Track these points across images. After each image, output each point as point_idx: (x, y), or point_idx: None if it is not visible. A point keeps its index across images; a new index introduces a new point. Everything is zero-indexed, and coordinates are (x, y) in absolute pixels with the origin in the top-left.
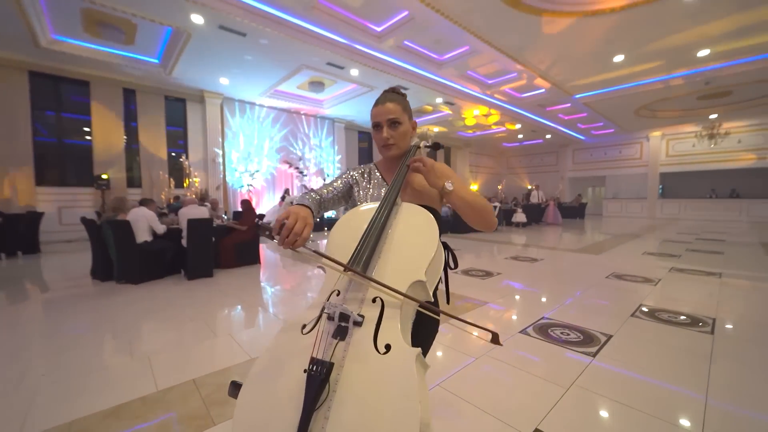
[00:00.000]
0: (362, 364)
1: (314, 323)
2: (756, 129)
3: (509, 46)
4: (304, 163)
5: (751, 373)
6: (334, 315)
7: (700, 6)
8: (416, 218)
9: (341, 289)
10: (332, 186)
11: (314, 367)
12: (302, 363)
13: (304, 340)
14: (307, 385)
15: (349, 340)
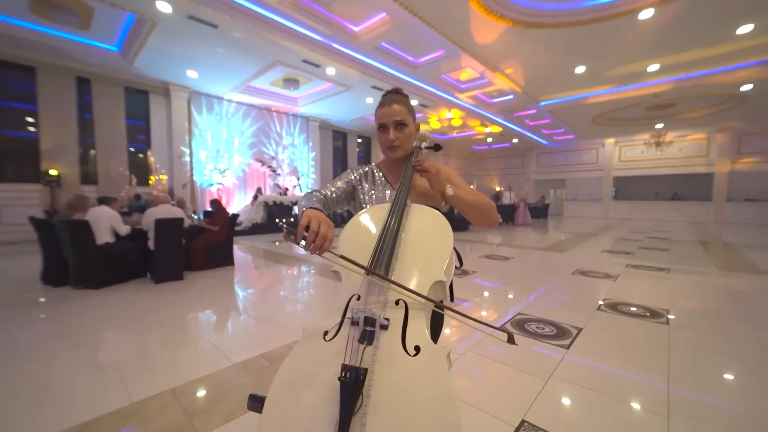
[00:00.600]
0: (393, 367)
1: (337, 329)
2: (694, 139)
3: (482, 53)
4: (277, 162)
5: (704, 359)
6: (358, 319)
7: (652, 24)
8: (429, 219)
9: (361, 293)
10: (335, 186)
11: (347, 374)
12: (331, 371)
13: (328, 348)
14: (342, 393)
15: (376, 344)
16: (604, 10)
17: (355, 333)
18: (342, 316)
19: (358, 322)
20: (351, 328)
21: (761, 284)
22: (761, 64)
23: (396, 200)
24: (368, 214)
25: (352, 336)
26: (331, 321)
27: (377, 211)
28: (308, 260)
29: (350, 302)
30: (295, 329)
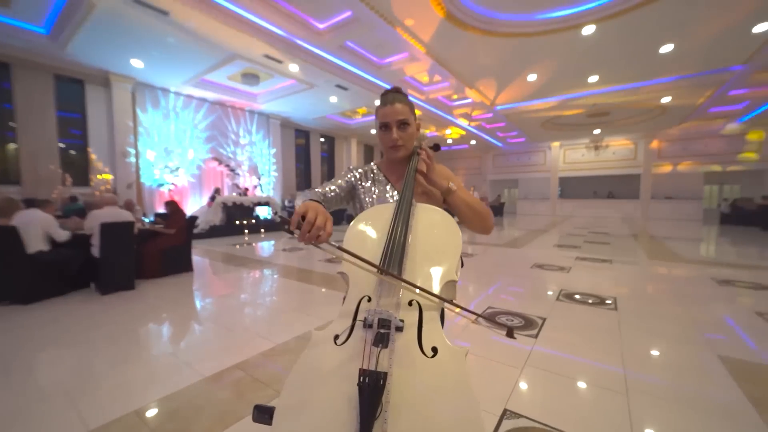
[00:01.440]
0: (411, 369)
1: (349, 332)
2: (624, 144)
3: (445, 58)
4: (235, 161)
5: (648, 339)
6: (372, 322)
7: (593, 40)
8: (437, 218)
9: (372, 294)
10: (335, 185)
11: (366, 379)
12: (346, 376)
13: (341, 353)
14: (362, 399)
15: (392, 346)
16: (552, 24)
17: (368, 336)
18: (353, 318)
19: (371, 325)
20: (363, 331)
21: (683, 271)
22: (678, 79)
23: (402, 199)
24: (373, 213)
25: (365, 339)
26: (342, 323)
27: (382, 211)
28: (271, 262)
29: (360, 304)
30: (270, 335)
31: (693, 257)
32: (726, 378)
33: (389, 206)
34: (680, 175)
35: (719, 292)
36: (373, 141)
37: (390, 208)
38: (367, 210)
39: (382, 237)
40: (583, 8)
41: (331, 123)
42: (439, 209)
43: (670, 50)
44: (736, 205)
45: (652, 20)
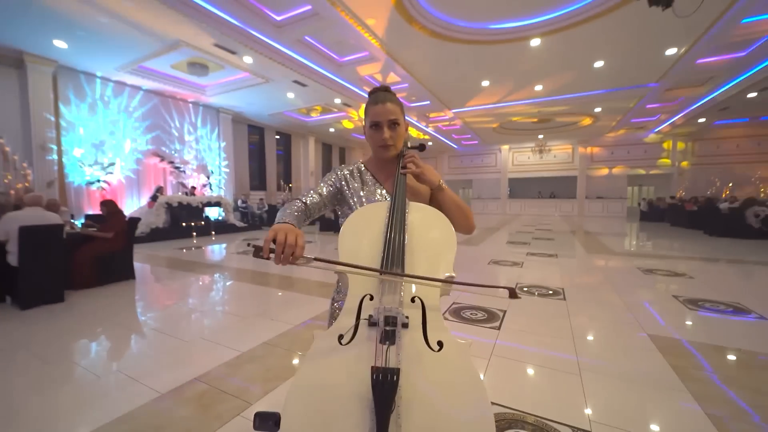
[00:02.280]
0: (419, 364)
1: (353, 332)
2: (563, 149)
3: (404, 59)
4: (180, 157)
5: (594, 324)
6: (378, 320)
7: (539, 51)
8: (430, 215)
9: (374, 293)
10: (317, 192)
11: (380, 377)
12: (355, 376)
13: (347, 352)
14: (377, 397)
15: (399, 343)
16: (504, 34)
17: (372, 334)
18: (356, 317)
19: (377, 323)
20: (368, 330)
21: (615, 262)
22: (607, 92)
23: (395, 198)
24: (366, 212)
25: (369, 337)
26: (345, 322)
27: (375, 210)
28: (224, 266)
29: (363, 303)
30: (233, 343)
31: (621, 250)
32: (654, 352)
33: (381, 205)
34: (609, 177)
35: (644, 280)
36: (331, 140)
37: (383, 207)
38: (360, 210)
39: (379, 236)
40: (530, 22)
41: (288, 120)
42: (432, 207)
43: (601, 66)
44: (652, 204)
45: (587, 38)
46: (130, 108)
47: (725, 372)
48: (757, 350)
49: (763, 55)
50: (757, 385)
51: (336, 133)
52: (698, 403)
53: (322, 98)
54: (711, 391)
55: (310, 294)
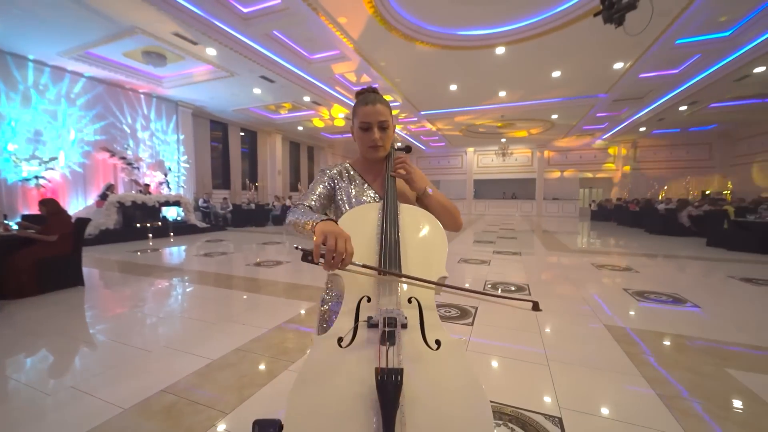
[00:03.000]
0: (419, 363)
1: (353, 334)
2: (524, 152)
3: (376, 60)
4: (133, 152)
5: (557, 317)
6: (378, 321)
7: (503, 59)
8: (421, 217)
9: (371, 294)
10: (316, 194)
11: (386, 377)
12: (358, 377)
13: (347, 354)
14: (384, 398)
15: (399, 343)
16: (471, 41)
17: (372, 335)
18: (355, 320)
19: (377, 324)
20: (368, 331)
21: (571, 259)
22: (563, 100)
23: (387, 201)
24: (357, 214)
25: (369, 339)
26: (343, 325)
27: (365, 212)
28: (184, 269)
29: (360, 305)
30: (202, 351)
31: (576, 247)
32: (610, 341)
33: (373, 206)
34: (563, 180)
35: (597, 275)
36: (300, 138)
37: (374, 208)
38: (351, 211)
39: (372, 238)
40: (495, 30)
41: (254, 116)
42: (421, 209)
43: (558, 76)
44: (601, 204)
45: (547, 49)
46: (71, 95)
47: (670, 356)
48: (693, 335)
49: (692, 73)
50: (693, 366)
51: (305, 131)
52: (650, 386)
53: (290, 95)
54: (659, 374)
55: (279, 296)
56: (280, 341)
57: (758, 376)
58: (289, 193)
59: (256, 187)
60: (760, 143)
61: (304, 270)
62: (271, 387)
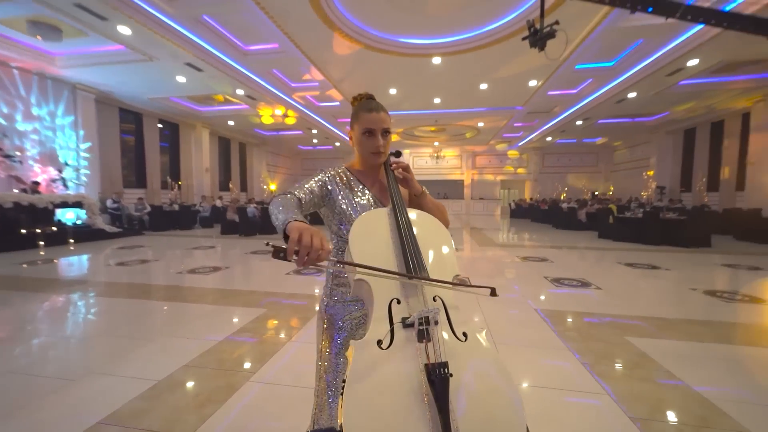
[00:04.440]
0: (455, 355)
1: (391, 335)
2: (454, 155)
3: (318, 58)
4: (12, 142)
5: (497, 307)
6: (413, 321)
7: (439, 69)
8: (427, 220)
9: (400, 296)
10: (308, 187)
11: (437, 372)
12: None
13: (390, 355)
14: (438, 392)
15: (434, 339)
16: (411, 48)
17: (409, 335)
18: (390, 322)
19: (413, 324)
20: (404, 331)
21: (500, 253)
22: (488, 110)
23: (397, 203)
24: (369, 220)
25: (407, 338)
26: (379, 330)
27: (376, 217)
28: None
29: (392, 307)
30: (141, 372)
31: (501, 242)
32: (544, 323)
33: (380, 212)
34: (487, 181)
35: (522, 265)
36: (231, 134)
37: (382, 214)
38: (361, 218)
39: (388, 243)
40: (433, 41)
41: (176, 107)
42: (424, 212)
43: (485, 88)
44: (518, 204)
45: (476, 63)
46: None
47: (584, 330)
48: (600, 312)
49: (586, 93)
50: (603, 337)
51: (237, 126)
52: (575, 356)
53: (220, 87)
54: (580, 345)
55: (223, 305)
56: (234, 353)
57: (648, 340)
58: (219, 192)
59: (179, 185)
60: (629, 154)
61: (248, 275)
62: (235, 400)
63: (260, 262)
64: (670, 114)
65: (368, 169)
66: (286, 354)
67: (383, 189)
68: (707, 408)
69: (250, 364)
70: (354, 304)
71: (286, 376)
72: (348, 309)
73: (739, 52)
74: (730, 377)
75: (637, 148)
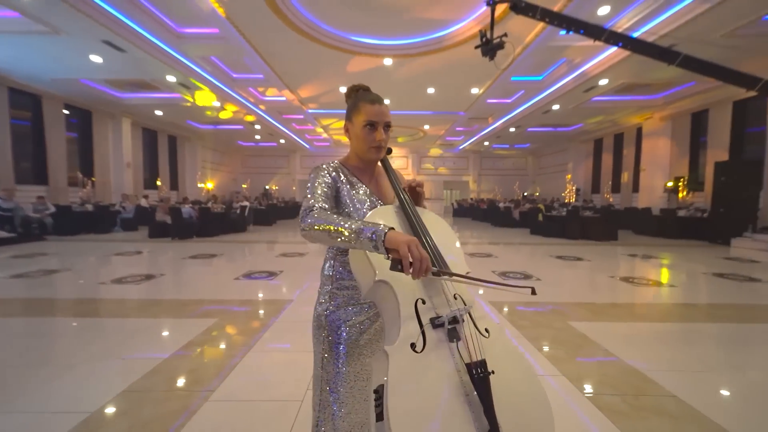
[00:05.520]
0: (486, 352)
1: (423, 337)
2: (402, 156)
3: (264, 48)
4: None
5: None
6: (443, 321)
7: (390, 70)
8: (435, 218)
9: (424, 297)
10: (321, 196)
11: (479, 371)
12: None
13: (426, 358)
14: (481, 389)
15: (464, 338)
16: (363, 47)
17: (440, 335)
18: (420, 324)
19: (443, 324)
20: (435, 332)
21: None
22: (434, 113)
23: (405, 202)
24: (378, 217)
25: (439, 338)
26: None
27: (384, 215)
28: None
29: (418, 308)
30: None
31: None
32: (500, 316)
33: (387, 209)
34: (432, 182)
35: (473, 262)
36: (157, 124)
37: (389, 211)
38: (372, 215)
39: None
40: (384, 43)
41: (88, 91)
42: (426, 210)
43: (432, 92)
44: (460, 203)
45: (424, 68)
46: None
47: (534, 318)
48: (544, 301)
49: (519, 103)
50: (549, 323)
51: (166, 117)
52: (530, 343)
53: (146, 71)
54: (533, 332)
55: (157, 317)
56: (185, 370)
57: (586, 323)
58: (144, 191)
59: (92, 182)
60: (552, 159)
61: (190, 282)
62: (195, 425)
63: (202, 268)
64: (584, 125)
65: (365, 165)
66: (248, 365)
67: (379, 186)
68: (640, 379)
69: (207, 382)
70: (355, 307)
71: (252, 389)
72: (348, 313)
73: (638, 76)
74: (652, 350)
75: (558, 154)
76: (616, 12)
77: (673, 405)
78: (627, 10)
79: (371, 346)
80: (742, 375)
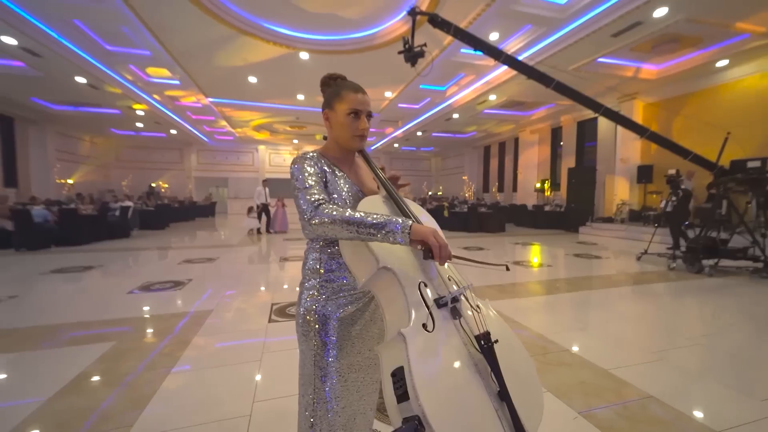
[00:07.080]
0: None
1: (432, 317)
2: None
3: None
4: None
5: None
6: (447, 302)
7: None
8: (417, 207)
9: (425, 279)
10: (314, 183)
11: (486, 342)
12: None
13: (438, 335)
14: (491, 358)
15: (464, 315)
16: (277, 37)
17: (444, 314)
18: (426, 306)
19: (446, 303)
20: (440, 311)
21: None
22: None
23: (393, 192)
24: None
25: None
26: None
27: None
28: None
29: (421, 291)
30: None
31: None
32: None
33: (376, 199)
34: None
35: None
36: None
37: (378, 201)
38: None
39: None
40: (300, 35)
41: None
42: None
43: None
44: None
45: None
46: None
47: None
48: None
49: (425, 109)
50: None
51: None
52: None
53: None
54: None
55: (23, 350)
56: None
57: (497, 301)
58: None
59: None
60: (452, 162)
61: (63, 301)
62: None
63: (75, 283)
64: (476, 133)
65: (344, 155)
66: (172, 389)
67: (359, 176)
68: (546, 341)
69: (117, 417)
70: (345, 298)
71: (179, 418)
72: (339, 305)
73: (519, 94)
74: (551, 317)
75: (457, 157)
76: (503, 39)
77: (568, 357)
78: (510, 39)
79: (363, 336)
80: (605, 327)
